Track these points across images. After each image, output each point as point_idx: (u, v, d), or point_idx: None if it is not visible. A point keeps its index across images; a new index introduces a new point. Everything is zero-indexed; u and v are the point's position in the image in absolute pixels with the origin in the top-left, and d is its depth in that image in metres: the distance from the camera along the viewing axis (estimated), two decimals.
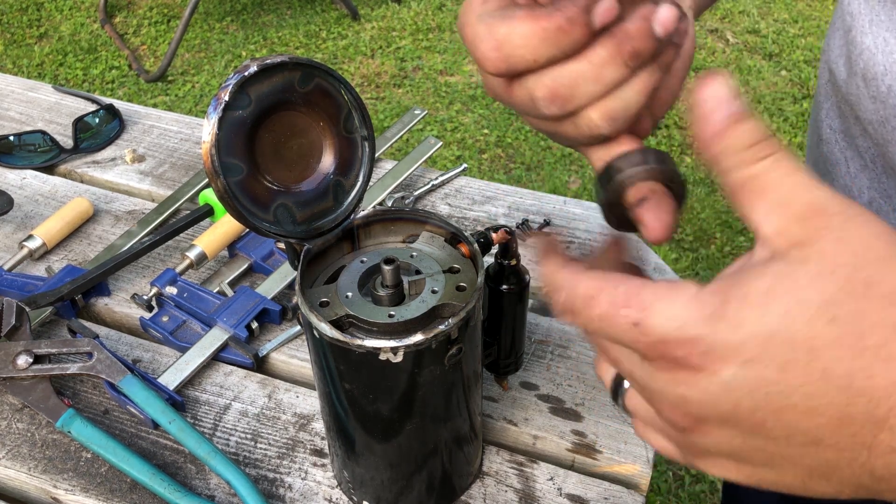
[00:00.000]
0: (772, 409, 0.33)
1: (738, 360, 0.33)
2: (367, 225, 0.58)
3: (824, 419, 0.33)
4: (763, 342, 0.32)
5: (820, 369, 0.32)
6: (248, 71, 0.47)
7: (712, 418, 0.35)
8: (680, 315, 0.34)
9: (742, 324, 0.33)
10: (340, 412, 0.57)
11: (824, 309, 0.32)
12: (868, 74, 0.57)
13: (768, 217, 0.34)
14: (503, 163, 2.54)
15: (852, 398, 0.32)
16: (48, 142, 0.97)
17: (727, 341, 0.33)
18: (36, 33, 3.13)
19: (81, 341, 0.69)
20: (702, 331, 0.33)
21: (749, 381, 0.33)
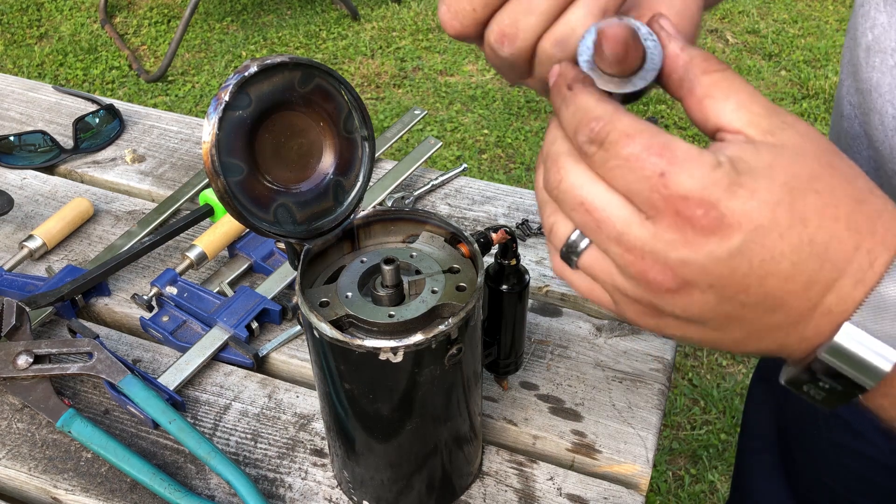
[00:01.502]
0: (760, 274, 0.37)
1: (751, 226, 0.36)
2: (367, 225, 0.58)
3: (797, 284, 0.37)
4: (772, 210, 0.36)
5: (808, 237, 0.36)
6: (248, 71, 0.47)
7: (702, 283, 0.38)
8: (705, 177, 0.36)
9: (756, 193, 0.36)
10: (340, 412, 0.57)
11: (811, 182, 0.37)
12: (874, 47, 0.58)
13: (737, 113, 0.38)
14: (503, 163, 2.54)
15: (823, 263, 0.37)
16: (48, 142, 0.97)
17: (743, 208, 0.36)
18: (36, 33, 3.13)
19: (81, 341, 0.69)
20: (721, 195, 0.36)
21: (752, 248, 0.36)
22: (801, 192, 0.36)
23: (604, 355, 0.74)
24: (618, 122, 0.37)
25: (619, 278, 0.40)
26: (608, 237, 0.39)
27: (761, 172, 0.36)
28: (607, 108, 0.38)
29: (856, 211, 0.37)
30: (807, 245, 0.36)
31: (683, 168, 0.36)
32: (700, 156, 0.37)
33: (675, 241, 0.37)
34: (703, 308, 0.39)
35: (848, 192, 0.37)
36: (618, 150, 0.37)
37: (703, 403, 1.88)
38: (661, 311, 0.40)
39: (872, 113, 0.59)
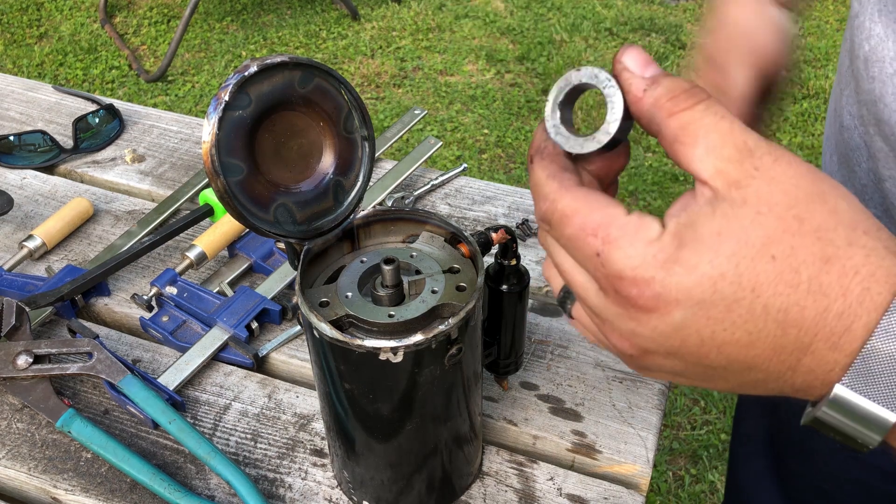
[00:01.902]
0: (716, 343, 0.36)
1: (690, 302, 0.36)
2: (367, 225, 0.58)
3: (760, 350, 0.36)
4: (713, 284, 0.35)
5: (762, 306, 0.35)
6: (248, 71, 0.47)
7: (660, 350, 0.38)
8: (639, 255, 0.36)
9: (696, 267, 0.35)
10: (340, 412, 0.57)
11: (766, 248, 0.35)
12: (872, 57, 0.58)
13: (704, 161, 0.36)
14: (503, 163, 2.54)
15: (786, 329, 0.36)
16: (48, 142, 0.97)
17: (680, 284, 0.35)
18: (36, 33, 3.13)
19: (81, 341, 0.69)
20: (657, 273, 0.36)
21: (698, 322, 0.36)
22: (751, 261, 0.35)
23: (604, 355, 0.74)
24: (559, 201, 0.39)
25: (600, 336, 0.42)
26: (579, 295, 0.41)
27: (707, 243, 0.35)
28: (552, 187, 0.39)
29: (822, 273, 0.35)
30: (760, 313, 0.35)
31: (617, 246, 0.36)
32: (637, 231, 0.36)
33: (622, 314, 0.38)
34: (675, 368, 0.39)
35: (814, 251, 0.35)
36: (561, 231, 0.39)
37: (704, 403, 1.88)
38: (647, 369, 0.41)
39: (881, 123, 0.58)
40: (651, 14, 3.18)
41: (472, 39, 3.07)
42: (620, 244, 0.36)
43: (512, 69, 2.92)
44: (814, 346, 0.36)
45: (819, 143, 2.59)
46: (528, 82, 2.86)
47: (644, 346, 0.38)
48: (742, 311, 0.35)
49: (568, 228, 0.38)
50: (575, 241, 0.38)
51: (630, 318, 0.37)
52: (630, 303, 0.37)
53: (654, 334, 0.37)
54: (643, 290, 0.36)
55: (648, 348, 0.38)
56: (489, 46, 3.02)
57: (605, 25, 3.10)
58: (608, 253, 0.37)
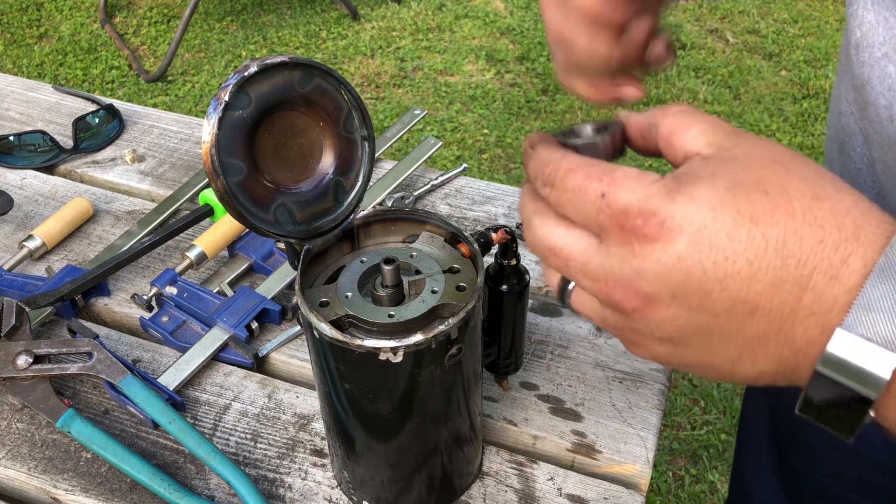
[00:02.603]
0: (718, 276, 0.37)
1: (692, 227, 0.37)
2: (367, 225, 0.58)
3: (761, 284, 0.37)
4: (713, 211, 0.37)
5: (760, 234, 0.36)
6: (248, 71, 0.47)
7: (663, 294, 0.38)
8: (643, 190, 0.38)
9: (695, 197, 0.37)
10: (340, 412, 0.57)
11: (758, 185, 0.37)
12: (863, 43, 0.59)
13: (698, 138, 0.40)
14: (503, 163, 2.54)
15: (785, 259, 0.36)
16: (48, 142, 0.97)
17: (682, 212, 0.37)
18: (36, 33, 3.13)
19: (81, 341, 0.69)
20: (660, 203, 0.38)
21: (700, 249, 0.37)
22: (746, 193, 0.37)
23: (604, 355, 0.74)
24: (563, 161, 0.41)
25: (601, 310, 0.42)
26: (577, 272, 0.41)
27: (703, 179, 0.38)
28: (556, 154, 0.42)
29: (814, 207, 0.37)
30: (760, 241, 0.36)
31: (623, 186, 0.39)
32: (640, 175, 0.39)
33: (625, 254, 0.39)
34: (676, 324, 0.39)
35: (804, 190, 0.37)
36: (565, 185, 0.41)
37: (704, 403, 1.88)
38: (642, 334, 0.41)
39: (868, 106, 0.60)
40: None
41: (472, 39, 3.07)
42: (626, 183, 0.39)
43: (512, 69, 2.92)
44: (813, 281, 0.36)
45: (819, 143, 2.59)
46: (528, 82, 2.86)
47: (647, 291, 0.38)
48: (742, 237, 0.36)
49: (572, 180, 0.40)
50: (579, 191, 0.40)
51: (634, 255, 0.38)
52: (636, 235, 0.38)
53: (658, 267, 0.38)
54: (648, 218, 0.38)
55: (651, 292, 0.38)
56: (489, 46, 3.02)
57: None
58: (614, 192, 0.39)
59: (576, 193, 0.40)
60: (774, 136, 2.64)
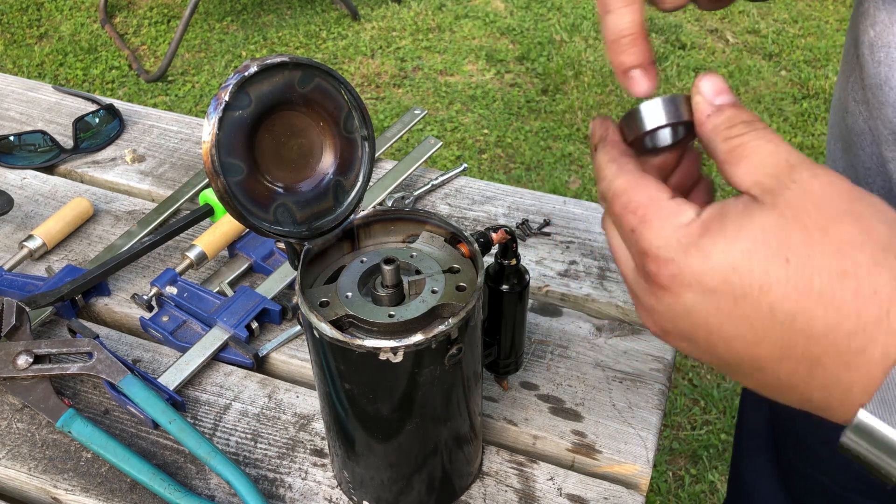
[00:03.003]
0: (723, 336, 0.38)
1: (700, 287, 0.38)
2: (367, 225, 0.58)
3: (767, 351, 0.37)
4: (724, 275, 0.37)
5: (768, 305, 0.36)
6: (248, 71, 0.47)
7: (674, 332, 0.40)
8: (665, 237, 0.39)
9: (710, 256, 0.37)
10: (340, 412, 0.57)
11: (782, 251, 0.36)
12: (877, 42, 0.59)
13: (747, 175, 0.39)
14: (503, 163, 2.54)
15: (793, 336, 0.36)
16: (48, 142, 0.97)
17: (694, 269, 0.38)
18: (36, 33, 3.13)
19: (81, 341, 0.69)
20: (676, 255, 0.38)
21: (706, 309, 0.38)
22: (764, 260, 0.36)
23: (604, 355, 0.74)
24: (615, 181, 0.42)
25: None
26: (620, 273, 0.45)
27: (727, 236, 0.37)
28: (611, 169, 0.43)
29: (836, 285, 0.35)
30: (766, 313, 0.36)
31: (650, 227, 0.40)
32: (671, 215, 0.39)
33: (646, 290, 0.41)
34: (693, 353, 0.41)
35: (831, 263, 0.35)
36: (612, 208, 0.42)
37: (704, 403, 1.88)
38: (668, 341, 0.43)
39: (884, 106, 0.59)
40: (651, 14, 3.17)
41: (472, 39, 3.07)
42: (653, 224, 0.39)
43: (512, 69, 2.92)
44: (824, 361, 0.35)
45: (819, 143, 2.59)
46: (528, 82, 2.86)
47: (662, 325, 0.41)
48: (748, 306, 0.36)
49: (616, 205, 0.42)
50: (619, 218, 0.41)
51: (651, 294, 0.40)
52: (650, 278, 0.40)
53: (668, 313, 0.40)
54: (661, 268, 0.39)
55: (665, 328, 0.41)
56: (489, 46, 3.02)
57: None
58: (641, 231, 0.40)
59: (617, 218, 0.42)
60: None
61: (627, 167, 0.42)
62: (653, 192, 0.41)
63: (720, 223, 0.38)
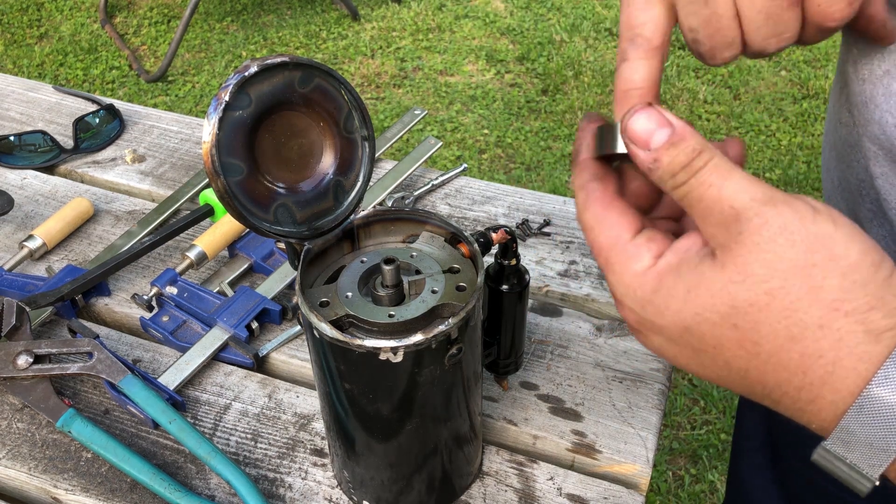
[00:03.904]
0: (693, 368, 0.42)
1: (662, 337, 0.41)
2: (367, 225, 0.58)
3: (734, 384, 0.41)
4: (679, 332, 0.40)
5: (724, 360, 0.39)
6: (248, 71, 0.47)
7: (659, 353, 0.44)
8: (625, 284, 0.41)
9: (664, 314, 0.40)
10: (340, 412, 0.57)
11: (729, 317, 0.38)
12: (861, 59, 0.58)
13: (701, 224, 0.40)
14: (503, 163, 2.54)
15: (751, 386, 0.40)
16: (48, 142, 0.97)
17: (653, 322, 0.41)
18: (36, 33, 3.13)
19: (81, 341, 0.69)
20: (634, 306, 0.41)
21: (673, 351, 0.41)
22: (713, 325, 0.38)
23: (604, 355, 0.74)
24: (583, 213, 0.44)
25: None
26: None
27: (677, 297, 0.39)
28: (580, 199, 0.44)
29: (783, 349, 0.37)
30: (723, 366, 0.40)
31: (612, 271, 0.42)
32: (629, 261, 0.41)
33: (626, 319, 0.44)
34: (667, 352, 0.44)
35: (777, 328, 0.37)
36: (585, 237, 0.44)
37: (703, 403, 1.88)
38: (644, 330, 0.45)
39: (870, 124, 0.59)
40: None
41: (472, 39, 3.07)
42: (615, 269, 0.42)
43: (512, 69, 2.92)
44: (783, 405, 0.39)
45: (818, 144, 2.59)
46: (528, 82, 2.86)
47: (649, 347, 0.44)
48: (707, 358, 0.40)
49: (587, 239, 0.44)
50: (591, 251, 0.44)
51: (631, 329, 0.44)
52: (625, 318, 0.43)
53: (647, 343, 0.43)
54: (627, 315, 0.42)
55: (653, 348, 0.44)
56: (489, 46, 3.02)
57: (605, 25, 3.10)
58: (606, 274, 0.43)
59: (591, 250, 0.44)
60: (774, 137, 2.64)
61: (595, 195, 0.43)
62: (614, 231, 0.42)
63: (674, 280, 0.39)
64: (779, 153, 2.58)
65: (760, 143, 2.61)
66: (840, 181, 0.67)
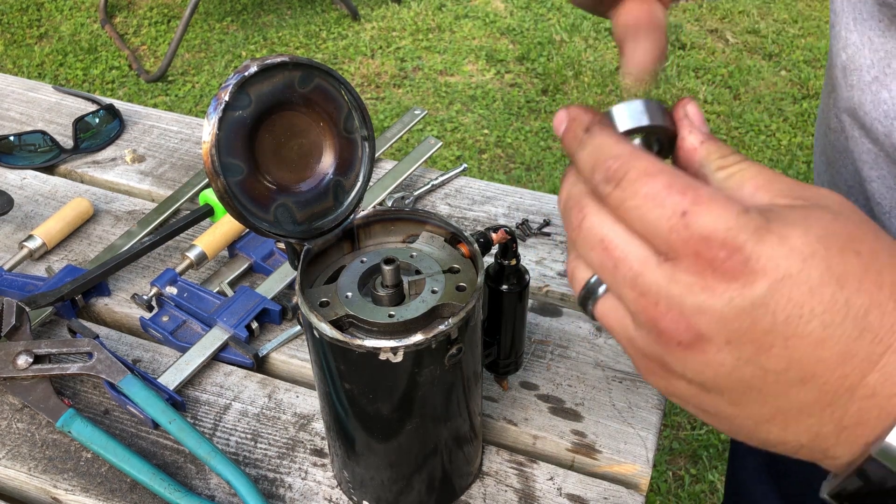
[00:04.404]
0: (786, 334, 0.33)
1: (777, 274, 0.33)
2: (367, 225, 0.58)
3: (829, 353, 0.33)
4: (803, 260, 0.33)
5: (844, 299, 0.33)
6: (248, 71, 0.47)
7: (719, 337, 0.34)
8: (732, 219, 0.33)
9: (786, 240, 0.33)
10: (340, 412, 0.57)
11: (851, 243, 0.33)
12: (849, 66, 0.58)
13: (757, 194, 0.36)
14: (503, 163, 2.54)
15: (862, 332, 0.33)
16: (48, 142, 0.97)
17: (771, 254, 0.33)
18: (36, 33, 3.13)
19: (81, 341, 0.69)
20: (748, 238, 0.33)
21: (778, 300, 0.33)
22: (839, 250, 0.33)
23: (604, 355, 0.74)
24: (636, 161, 0.35)
25: (632, 329, 0.38)
26: (624, 278, 0.36)
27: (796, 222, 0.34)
28: (625, 148, 0.36)
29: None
30: (842, 307, 0.33)
31: (708, 208, 0.34)
32: (728, 201, 0.34)
33: (693, 284, 0.34)
34: (719, 371, 0.35)
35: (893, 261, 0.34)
36: (636, 189, 0.35)
37: None
38: (671, 370, 0.37)
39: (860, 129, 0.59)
40: None
41: (472, 39, 3.07)
42: (712, 206, 0.34)
43: (512, 69, 2.92)
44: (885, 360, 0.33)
45: None
46: (528, 82, 2.86)
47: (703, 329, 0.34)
48: (825, 298, 0.33)
49: (648, 186, 0.35)
50: (656, 200, 0.34)
51: (704, 289, 0.34)
52: (713, 267, 0.33)
53: (726, 309, 0.34)
54: (732, 254, 0.33)
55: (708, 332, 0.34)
56: (489, 46, 3.02)
57: (605, 25, 3.10)
58: (698, 213, 0.34)
59: (649, 202, 0.35)
60: (774, 137, 2.64)
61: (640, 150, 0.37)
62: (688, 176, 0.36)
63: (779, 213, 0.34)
64: (779, 153, 2.58)
65: (760, 143, 2.61)
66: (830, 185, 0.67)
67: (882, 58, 0.55)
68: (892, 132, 0.55)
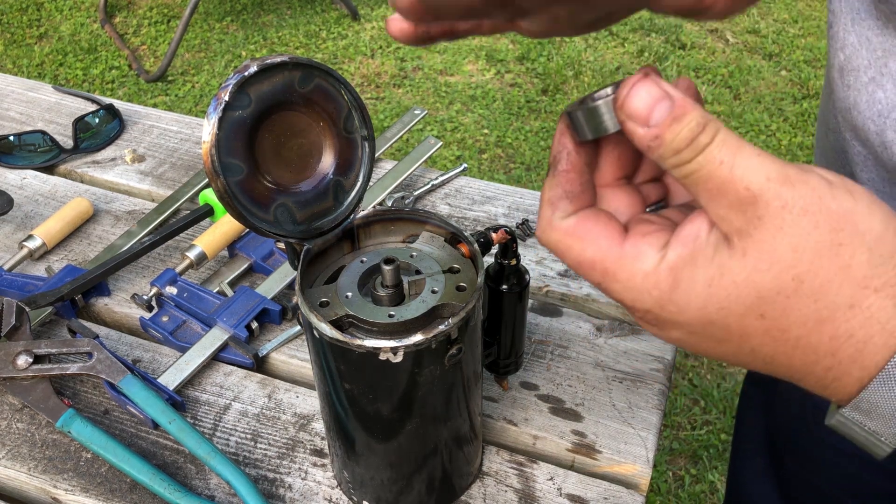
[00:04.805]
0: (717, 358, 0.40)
1: (683, 330, 0.39)
2: (367, 225, 0.58)
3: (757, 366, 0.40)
4: (702, 325, 0.38)
5: (749, 348, 0.38)
6: (248, 71, 0.47)
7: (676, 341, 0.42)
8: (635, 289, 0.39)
9: (685, 310, 0.38)
10: (340, 412, 0.57)
11: (755, 307, 0.36)
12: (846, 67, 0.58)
13: (709, 205, 0.36)
14: (503, 163, 2.54)
15: (775, 369, 0.39)
16: (48, 142, 0.97)
17: (673, 320, 0.38)
18: (36, 33, 3.13)
19: (81, 341, 0.69)
20: (652, 307, 0.38)
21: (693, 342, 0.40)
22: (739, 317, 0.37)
23: (604, 355, 0.74)
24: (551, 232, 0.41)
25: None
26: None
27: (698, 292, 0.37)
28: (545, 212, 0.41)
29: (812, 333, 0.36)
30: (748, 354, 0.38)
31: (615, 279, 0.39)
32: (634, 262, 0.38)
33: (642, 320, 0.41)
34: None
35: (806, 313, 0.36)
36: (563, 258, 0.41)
37: (704, 403, 1.88)
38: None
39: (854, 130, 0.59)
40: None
41: (471, 39, 3.07)
42: (617, 278, 0.39)
43: (512, 69, 2.92)
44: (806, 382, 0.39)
45: None
46: (528, 82, 2.86)
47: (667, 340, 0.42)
48: (730, 348, 0.38)
49: (567, 259, 0.41)
50: (578, 269, 0.40)
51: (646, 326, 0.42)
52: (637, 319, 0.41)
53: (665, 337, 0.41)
54: (643, 316, 0.39)
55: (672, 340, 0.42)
56: (489, 46, 3.02)
57: None
58: (608, 284, 0.39)
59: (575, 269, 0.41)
60: (775, 137, 2.64)
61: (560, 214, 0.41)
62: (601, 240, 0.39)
63: (691, 273, 0.37)
64: (779, 153, 2.58)
65: (760, 143, 2.61)
66: None
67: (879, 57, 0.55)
68: (885, 131, 0.55)
